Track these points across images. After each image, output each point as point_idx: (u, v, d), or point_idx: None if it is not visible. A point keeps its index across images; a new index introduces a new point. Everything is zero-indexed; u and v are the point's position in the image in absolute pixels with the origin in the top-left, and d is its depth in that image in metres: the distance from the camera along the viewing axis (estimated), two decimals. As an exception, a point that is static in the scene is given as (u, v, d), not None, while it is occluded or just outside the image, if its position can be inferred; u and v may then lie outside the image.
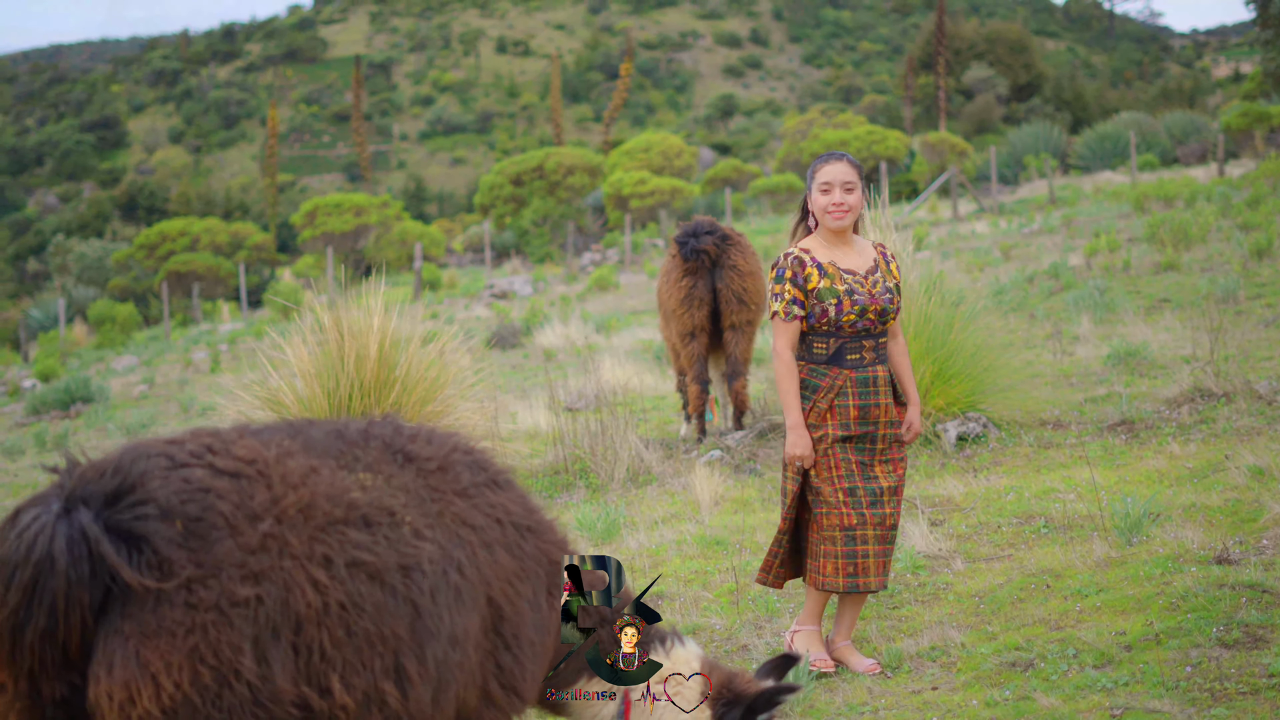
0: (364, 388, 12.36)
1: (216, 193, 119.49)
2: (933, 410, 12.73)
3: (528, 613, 5.02)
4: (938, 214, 46.72)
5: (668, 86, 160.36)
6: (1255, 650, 6.93)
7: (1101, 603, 7.91)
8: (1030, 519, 9.95)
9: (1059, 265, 23.26)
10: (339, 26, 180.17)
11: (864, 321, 7.43)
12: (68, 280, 75.11)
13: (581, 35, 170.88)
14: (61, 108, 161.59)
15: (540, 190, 59.31)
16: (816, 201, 7.52)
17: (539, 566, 5.14)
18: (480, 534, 4.93)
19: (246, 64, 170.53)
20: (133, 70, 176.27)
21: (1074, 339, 17.71)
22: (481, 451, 5.29)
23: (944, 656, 7.52)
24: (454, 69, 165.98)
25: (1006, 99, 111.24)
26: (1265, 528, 8.96)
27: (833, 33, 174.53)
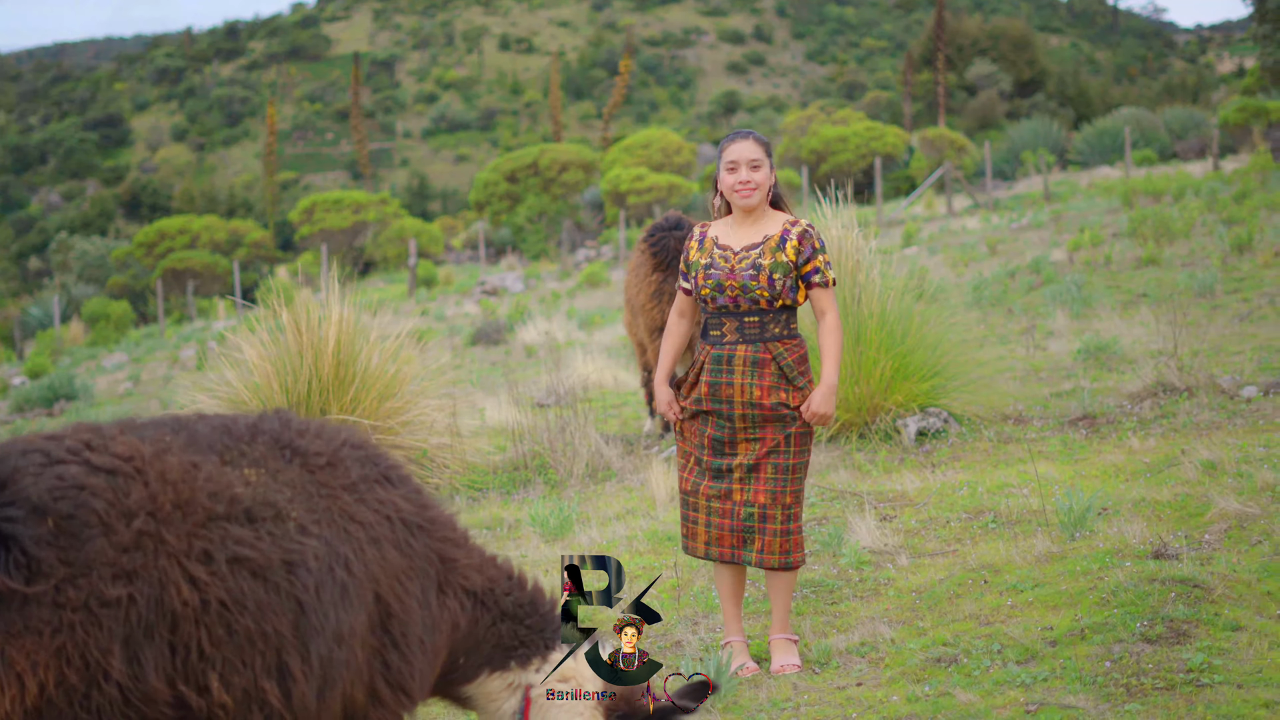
0: (322, 384, 12.34)
1: (220, 190, 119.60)
2: (893, 405, 12.68)
3: (416, 610, 4.97)
4: (934, 210, 46.69)
5: (671, 83, 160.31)
6: (1177, 645, 6.89)
7: (1035, 598, 7.88)
8: (980, 514, 9.92)
9: (1040, 260, 23.26)
10: (342, 24, 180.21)
11: (724, 298, 7.36)
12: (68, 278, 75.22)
13: (585, 32, 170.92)
14: (65, 106, 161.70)
15: (535, 187, 59.33)
16: (724, 181, 7.43)
17: (429, 564, 5.08)
18: (368, 530, 4.87)
19: (250, 61, 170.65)
20: (136, 68, 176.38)
21: (1048, 334, 17.69)
22: (374, 447, 5.22)
23: (873, 652, 7.49)
24: (457, 66, 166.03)
25: (1010, 95, 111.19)
26: (1210, 522, 8.92)
27: (836, 29, 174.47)
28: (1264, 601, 7.45)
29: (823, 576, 8.91)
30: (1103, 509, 9.54)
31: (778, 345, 7.39)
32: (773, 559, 7.43)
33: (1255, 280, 19.36)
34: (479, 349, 25.42)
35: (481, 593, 5.29)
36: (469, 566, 5.27)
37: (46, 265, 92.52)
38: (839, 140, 64.70)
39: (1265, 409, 12.20)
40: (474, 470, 12.92)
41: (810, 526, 10.08)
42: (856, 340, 12.59)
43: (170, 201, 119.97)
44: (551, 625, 5.45)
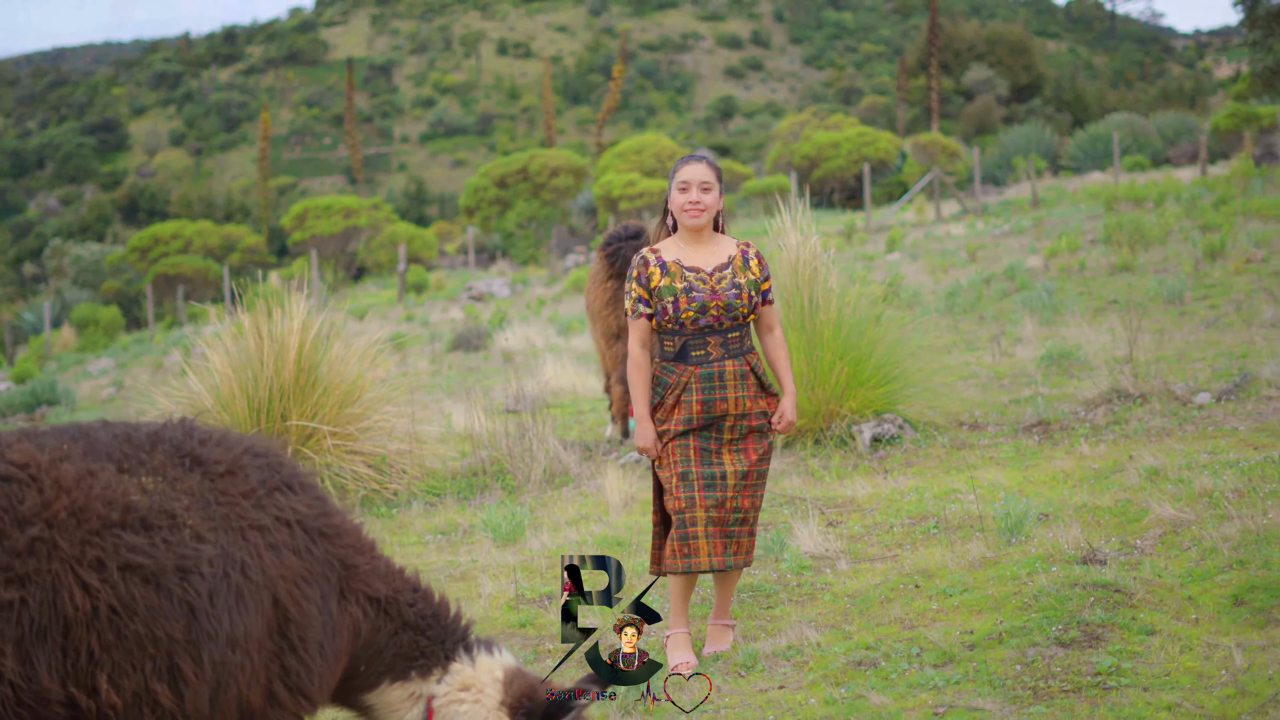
0: (283, 390, 12.44)
1: (217, 195, 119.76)
2: (848, 412, 12.79)
3: (316, 615, 5.04)
4: (924, 215, 46.77)
5: (669, 88, 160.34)
6: (1089, 649, 7.00)
7: (961, 603, 7.98)
8: (923, 520, 10.03)
9: (1015, 267, 23.36)
10: (340, 29, 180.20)
11: (706, 318, 7.55)
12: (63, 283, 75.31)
13: (583, 37, 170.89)
14: (63, 110, 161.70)
15: (525, 193, 59.42)
16: (675, 200, 7.65)
17: (330, 570, 5.14)
18: (267, 536, 4.95)
19: (248, 66, 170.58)
20: (134, 73, 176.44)
21: (1016, 340, 17.80)
22: (277, 455, 5.29)
23: (798, 656, 7.58)
24: (455, 71, 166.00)
25: (1007, 100, 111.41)
26: (1146, 528, 9.04)
27: (834, 34, 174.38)
28: (1184, 606, 7.56)
29: (761, 581, 9.02)
30: (1044, 515, 9.65)
31: (751, 357, 7.72)
32: (741, 559, 7.74)
33: (1225, 287, 19.46)
34: (458, 355, 25.53)
35: (385, 601, 5.34)
36: (372, 574, 5.32)
37: (42, 270, 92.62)
38: (831, 146, 64.84)
39: (1216, 415, 12.31)
40: (433, 476, 13.03)
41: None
42: (813, 347, 12.69)
43: (168, 206, 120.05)
44: (453, 636, 5.46)
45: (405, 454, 12.84)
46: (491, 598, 9.32)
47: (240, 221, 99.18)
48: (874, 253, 33.33)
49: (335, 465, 12.36)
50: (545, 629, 8.59)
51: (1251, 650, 6.82)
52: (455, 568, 10.24)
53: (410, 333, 30.94)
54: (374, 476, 12.44)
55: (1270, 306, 17.32)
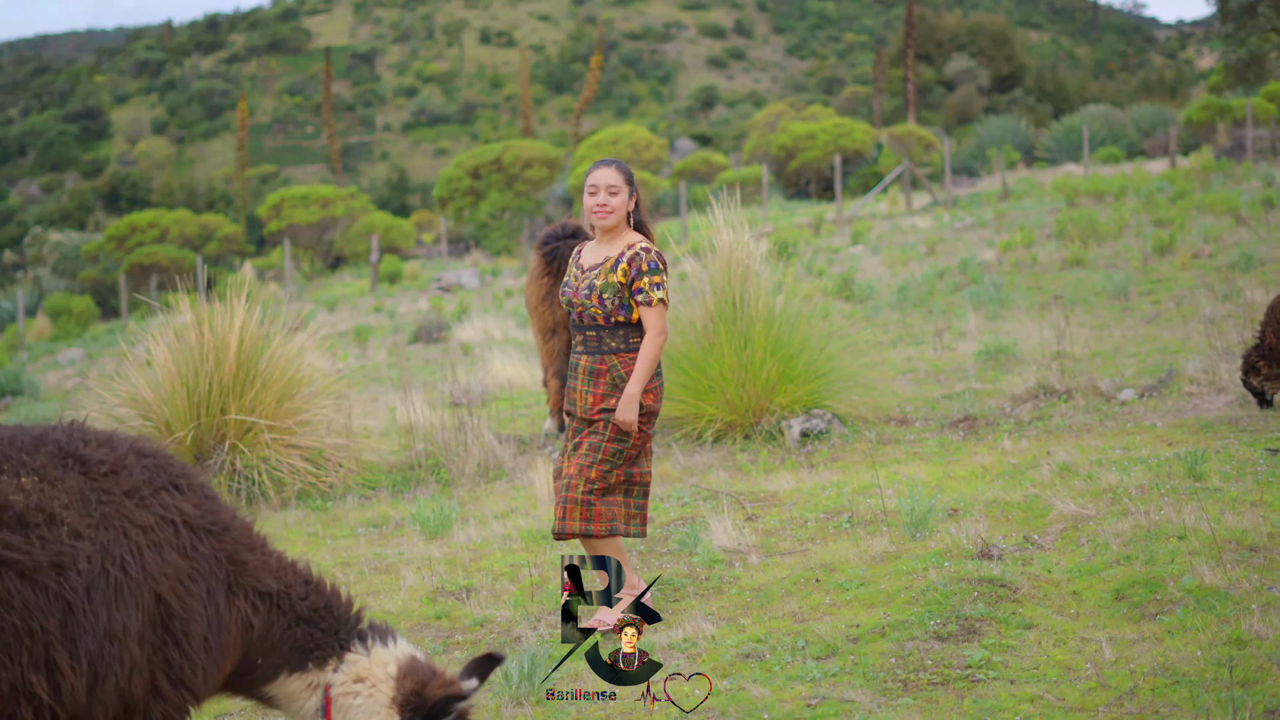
0: (224, 385, 12.63)
1: (199, 183, 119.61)
2: (777, 407, 12.98)
3: (200, 610, 5.21)
4: (897, 207, 46.90)
5: (651, 77, 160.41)
6: (964, 642, 7.22)
7: (855, 597, 8.19)
8: (838, 514, 10.22)
9: (969, 261, 23.56)
10: (323, 17, 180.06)
11: (574, 313, 8.05)
12: (42, 271, 75.27)
13: (566, 26, 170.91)
14: (45, 98, 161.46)
15: (498, 183, 59.49)
16: (585, 203, 8.09)
17: (216, 567, 5.31)
18: (149, 534, 5.13)
19: (230, 55, 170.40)
20: (116, 61, 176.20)
21: (960, 335, 18.01)
22: (164, 455, 5.47)
23: (693, 648, 7.77)
24: (437, 60, 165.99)
25: (988, 90, 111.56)
26: (1049, 524, 9.25)
27: (816, 24, 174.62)
28: (1067, 601, 7.78)
29: (672, 575, 9.21)
30: (953, 510, 9.87)
31: (613, 358, 8.03)
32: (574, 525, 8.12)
33: (1170, 282, 19.70)
34: (419, 346, 25.68)
35: (277, 596, 5.49)
36: (262, 570, 5.48)
37: (22, 258, 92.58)
38: (808, 137, 64.97)
39: (1137, 411, 12.56)
40: (370, 469, 13.22)
41: (673, 526, 10.41)
42: (745, 344, 12.89)
43: (149, 194, 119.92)
44: (346, 627, 5.60)
45: (342, 448, 13.04)
46: (412, 590, 9.52)
47: (222, 210, 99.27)
48: (839, 245, 33.53)
49: (272, 459, 12.56)
50: (459, 621, 8.77)
51: (1121, 644, 7.04)
52: (381, 560, 10.44)
53: (376, 323, 31.13)
54: (310, 470, 12.63)
55: (1210, 302, 17.57)
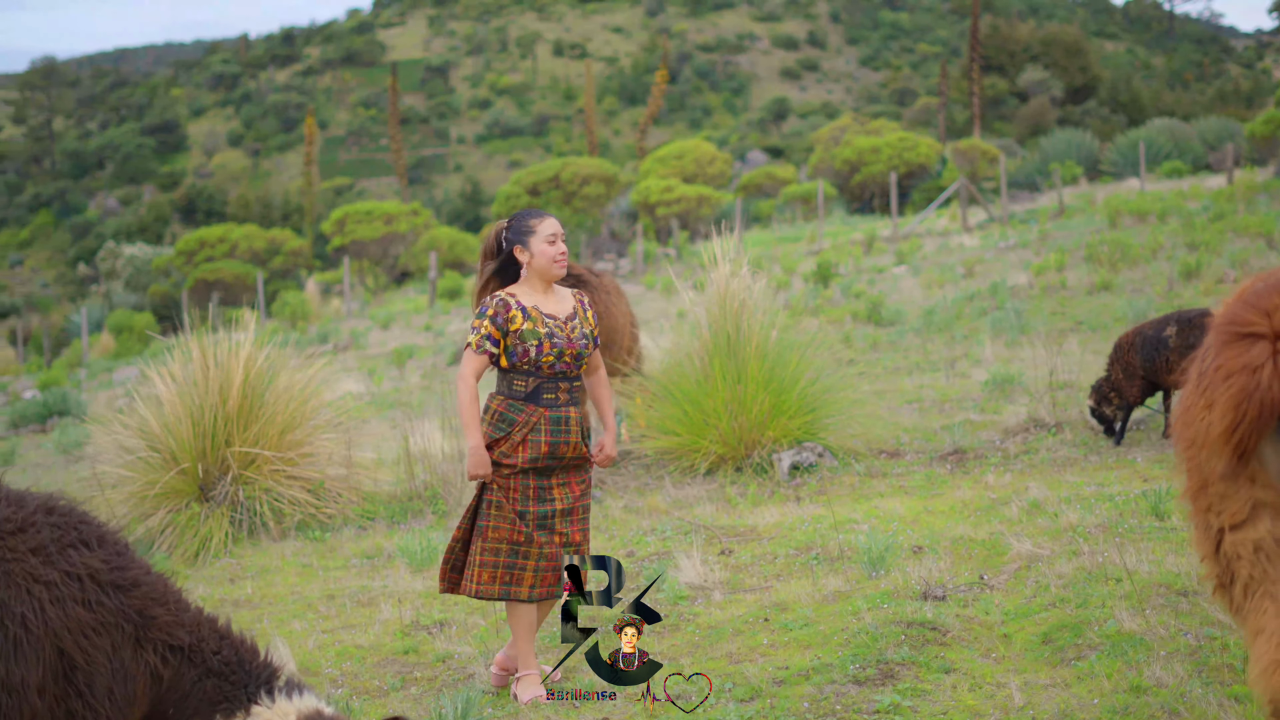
0: (228, 417, 12.94)
1: (274, 196, 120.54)
2: (769, 440, 13.16)
3: (105, 663, 5.46)
4: (956, 223, 46.78)
5: (724, 89, 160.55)
6: (880, 686, 7.39)
7: (794, 638, 8.37)
8: (808, 550, 10.40)
9: (999, 284, 23.61)
10: (397, 30, 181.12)
11: (561, 364, 8.03)
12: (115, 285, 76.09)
13: (639, 38, 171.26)
14: (123, 111, 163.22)
15: (557, 200, 59.86)
16: (545, 252, 8.05)
17: (124, 620, 5.54)
18: (53, 590, 5.40)
19: (305, 67, 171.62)
20: (193, 74, 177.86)
21: (976, 362, 18.11)
22: (75, 513, 5.71)
23: (630, 688, 7.97)
24: (511, 72, 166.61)
25: (1061, 101, 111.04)
26: (1007, 563, 9.42)
27: (890, 35, 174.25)
28: (997, 643, 7.95)
29: (633, 612, 9.42)
30: (918, 547, 10.04)
31: (580, 407, 8.27)
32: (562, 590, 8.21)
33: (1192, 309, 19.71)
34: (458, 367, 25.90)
35: (189, 649, 5.72)
36: (174, 624, 5.70)
37: (95, 272, 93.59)
38: (872, 151, 65.08)
39: (1123, 446, 12.70)
40: (370, 500, 13.47)
41: (646, 562, 10.62)
42: (738, 378, 13.09)
43: (225, 207, 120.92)
44: (255, 681, 5.81)
45: (343, 479, 13.32)
46: (386, 624, 9.76)
47: (297, 222, 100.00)
48: (884, 265, 33.63)
49: (274, 490, 12.85)
50: (424, 656, 8.99)
51: (1033, 689, 7.21)
52: (365, 593, 10.70)
53: (425, 343, 31.44)
54: (311, 501, 12.91)
55: (1223, 331, 17.57)
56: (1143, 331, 12.89)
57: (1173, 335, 12.54)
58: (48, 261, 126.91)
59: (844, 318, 22.91)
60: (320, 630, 9.80)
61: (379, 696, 8.32)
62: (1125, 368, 12.84)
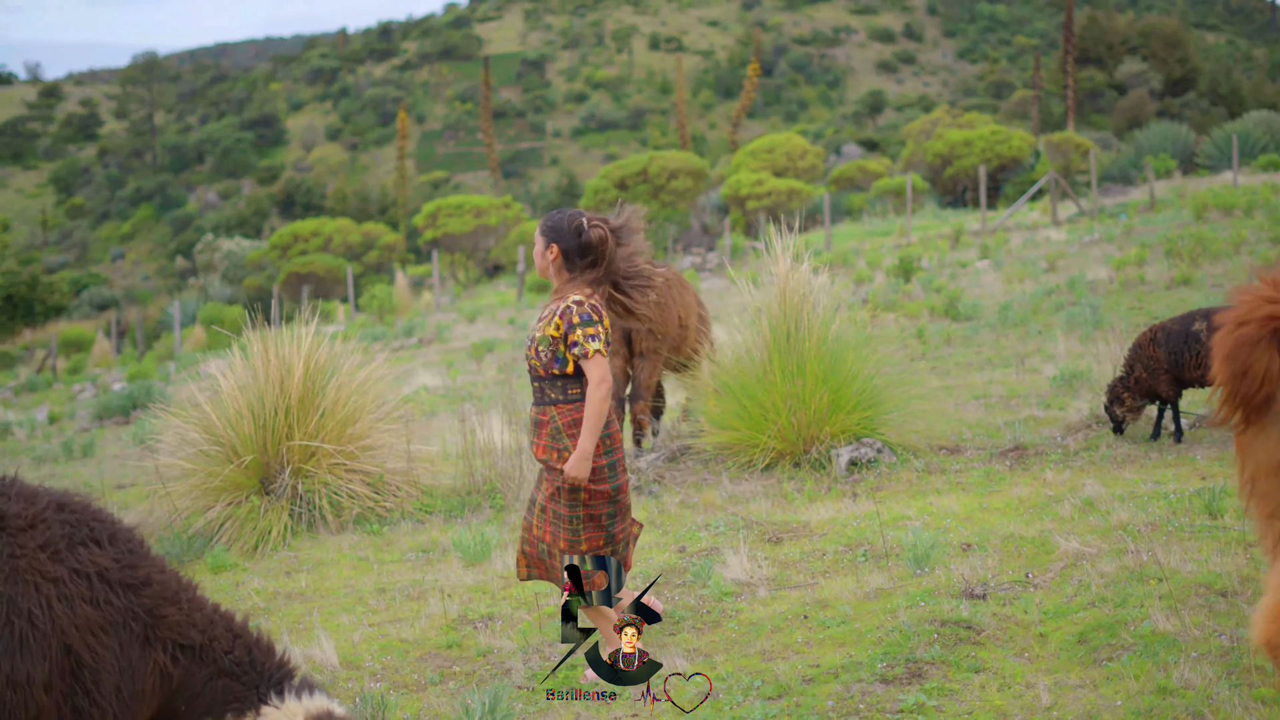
0: (289, 411, 13.02)
1: (372, 189, 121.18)
2: (827, 435, 13.09)
3: (111, 661, 5.49)
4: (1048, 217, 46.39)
5: (820, 82, 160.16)
6: (906, 685, 7.34)
7: (830, 636, 8.33)
8: (857, 547, 10.34)
9: (1077, 279, 23.39)
10: (494, 24, 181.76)
11: (529, 364, 8.19)
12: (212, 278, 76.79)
13: (734, 31, 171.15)
14: (223, 106, 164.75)
15: (644, 194, 59.83)
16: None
17: (131, 619, 5.57)
18: (60, 588, 5.43)
19: (402, 62, 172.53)
20: (292, 68, 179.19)
21: (1048, 357, 17.95)
22: (87, 509, 5.74)
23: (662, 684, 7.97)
24: (607, 66, 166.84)
25: (1160, 94, 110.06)
26: (1054, 561, 9.32)
27: (988, 27, 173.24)
28: (1033, 643, 7.88)
29: (674, 607, 9.38)
30: (967, 545, 9.96)
31: (553, 409, 8.15)
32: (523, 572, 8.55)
33: (1268, 304, 19.43)
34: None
35: (199, 648, 5.75)
36: (184, 623, 5.73)
37: (192, 265, 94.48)
38: (964, 144, 64.73)
39: (1186, 442, 12.55)
40: (429, 494, 13.52)
41: (696, 557, 10.59)
42: (797, 373, 13.04)
43: (323, 201, 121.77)
44: (267, 680, 5.84)
45: (403, 472, 13.37)
46: (433, 618, 9.78)
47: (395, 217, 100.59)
48: (968, 260, 33.41)
49: (333, 484, 12.92)
50: (466, 650, 9.00)
51: (1062, 689, 7.14)
52: (416, 586, 10.72)
53: (508, 336, 31.50)
54: (370, 495, 12.97)
55: (1300, 326, 17.35)
56: (1166, 327, 12.76)
57: (1203, 330, 12.39)
58: (149, 255, 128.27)
59: (921, 312, 22.76)
60: (367, 624, 9.84)
61: (416, 691, 8.33)
62: (1148, 364, 12.70)
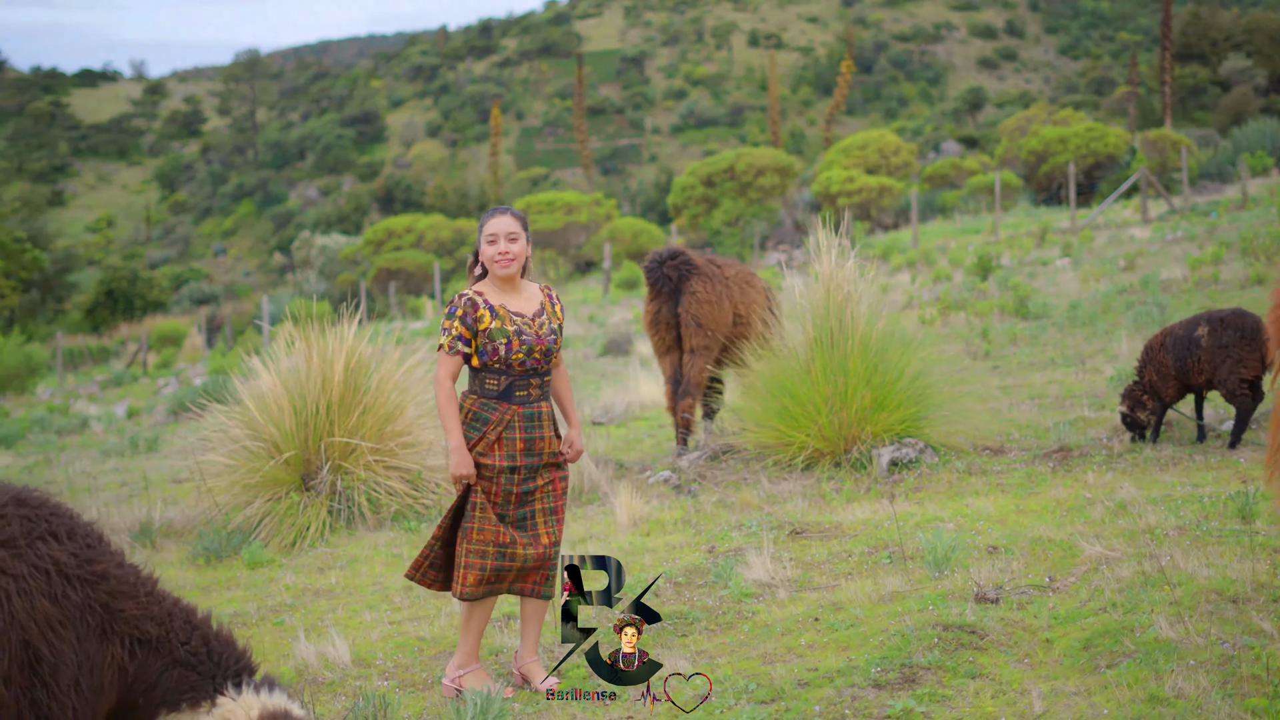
0: (330, 408, 13.05)
1: (470, 186, 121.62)
2: (869, 435, 12.96)
3: (69, 655, 5.53)
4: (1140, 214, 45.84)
5: (920, 79, 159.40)
6: (898, 690, 7.23)
7: (836, 639, 8.23)
8: (883, 548, 10.24)
9: (1150, 278, 23.10)
10: (593, 21, 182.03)
11: (531, 360, 8.03)
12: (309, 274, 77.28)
13: (834, 28, 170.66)
14: (324, 103, 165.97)
15: (731, 191, 59.73)
16: (485, 252, 8.10)
17: (88, 614, 5.61)
18: (19, 583, 5.46)
19: (502, 59, 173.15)
20: (392, 65, 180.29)
21: (1112, 357, 17.74)
22: (47, 505, 5.78)
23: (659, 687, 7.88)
24: (706, 62, 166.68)
25: (1265, 90, 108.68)
26: (1078, 565, 9.19)
27: (1090, 23, 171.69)
28: (1037, 649, 7.76)
29: (691, 608, 9.31)
30: (994, 547, 9.83)
31: (550, 400, 8.23)
32: (553, 589, 8.26)
33: (1341, 304, 19.11)
34: (607, 359, 25.98)
35: (156, 641, 5.79)
36: (141, 617, 5.77)
37: (290, 261, 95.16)
38: (1058, 141, 64.17)
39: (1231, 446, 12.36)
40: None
41: (718, 559, 10.51)
42: (840, 372, 12.93)
43: (423, 197, 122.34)
44: (223, 672, 5.88)
45: (442, 469, 13.37)
46: (453, 616, 9.78)
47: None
48: (1049, 258, 33.10)
49: (372, 480, 12.95)
50: (482, 649, 8.95)
51: (1057, 697, 7.02)
52: (443, 585, 10.72)
53: (586, 334, 31.51)
54: (409, 492, 12.99)
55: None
56: (1173, 332, 12.66)
57: (1204, 335, 12.29)
58: (250, 250, 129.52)
59: (990, 311, 22.55)
60: (388, 621, 9.84)
61: (423, 689, 8.33)
62: (1159, 368, 12.63)
